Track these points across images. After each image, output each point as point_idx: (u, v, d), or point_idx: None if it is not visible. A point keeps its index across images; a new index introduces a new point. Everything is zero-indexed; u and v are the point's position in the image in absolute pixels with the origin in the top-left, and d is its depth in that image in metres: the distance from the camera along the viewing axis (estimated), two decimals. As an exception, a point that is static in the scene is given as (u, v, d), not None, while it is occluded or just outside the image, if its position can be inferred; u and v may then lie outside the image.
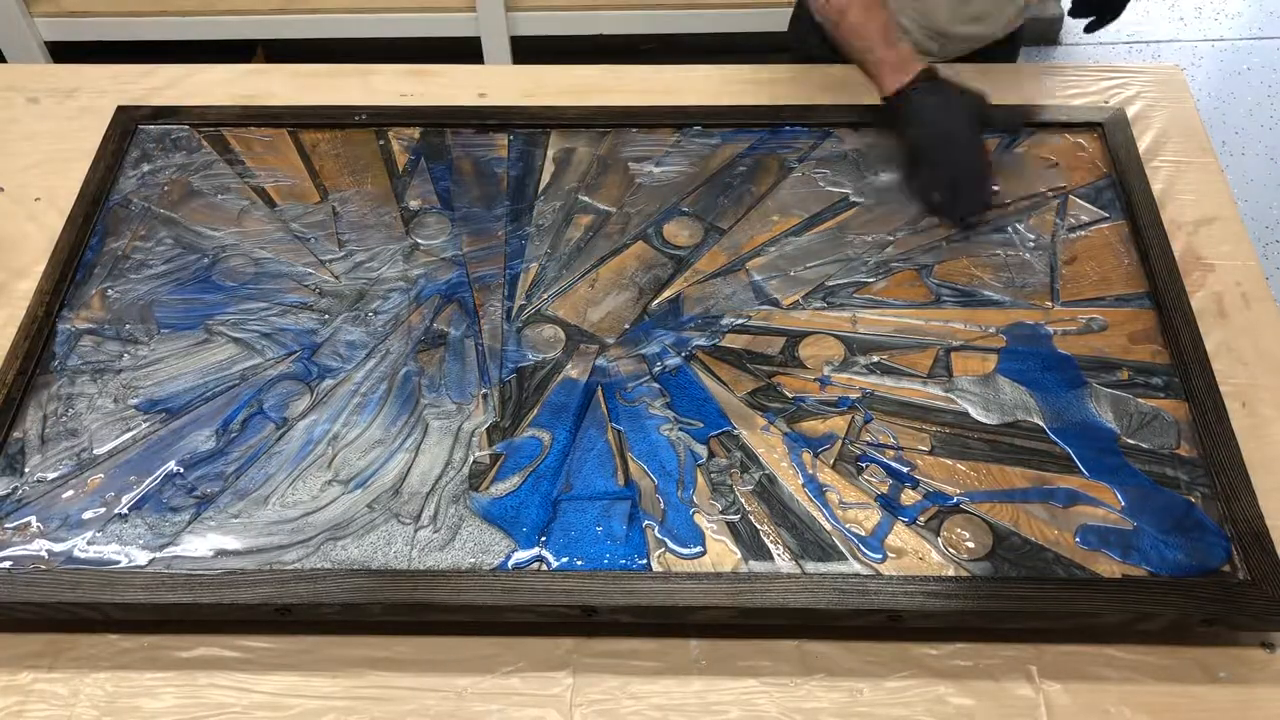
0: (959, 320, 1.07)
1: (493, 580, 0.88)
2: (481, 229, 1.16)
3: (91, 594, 0.88)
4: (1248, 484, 0.93)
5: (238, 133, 1.25)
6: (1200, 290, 1.12)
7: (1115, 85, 1.34)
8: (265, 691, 0.88)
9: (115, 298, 1.09)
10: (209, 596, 0.87)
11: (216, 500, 0.94)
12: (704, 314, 1.08)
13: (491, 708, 0.87)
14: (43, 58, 2.17)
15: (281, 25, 2.16)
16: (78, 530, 0.92)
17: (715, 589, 0.87)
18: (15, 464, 0.97)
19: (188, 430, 0.99)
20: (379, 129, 1.25)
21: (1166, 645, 0.90)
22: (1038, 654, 0.89)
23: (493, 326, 1.07)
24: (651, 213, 1.17)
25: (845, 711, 0.87)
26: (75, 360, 1.04)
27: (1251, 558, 0.89)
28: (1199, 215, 1.20)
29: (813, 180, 1.20)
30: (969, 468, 0.96)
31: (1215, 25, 2.75)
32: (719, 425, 0.99)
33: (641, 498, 0.94)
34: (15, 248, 1.18)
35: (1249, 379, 1.05)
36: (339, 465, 0.96)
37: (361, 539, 0.91)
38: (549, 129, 1.25)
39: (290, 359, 1.04)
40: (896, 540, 0.91)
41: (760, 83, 1.35)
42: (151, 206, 1.18)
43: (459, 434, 0.98)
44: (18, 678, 0.89)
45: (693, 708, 0.87)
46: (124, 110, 1.27)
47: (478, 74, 1.39)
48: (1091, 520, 0.92)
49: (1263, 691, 0.87)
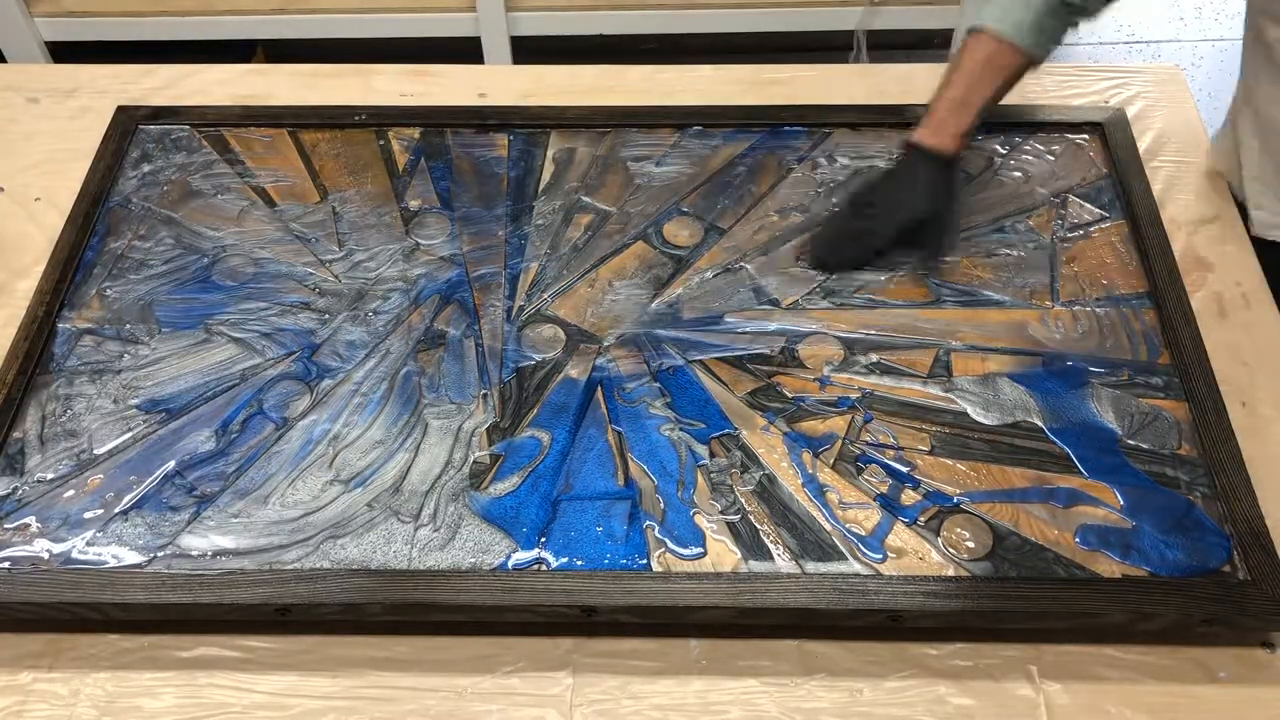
0: (959, 320, 1.07)
1: (493, 580, 0.88)
2: (481, 229, 1.16)
3: (91, 594, 0.88)
4: (1248, 484, 0.93)
5: (238, 133, 1.25)
6: (1200, 290, 1.12)
7: (1115, 85, 1.34)
8: (265, 691, 0.88)
9: (115, 298, 1.09)
10: (209, 596, 0.87)
11: (216, 500, 0.94)
12: (704, 314, 1.08)
13: (491, 708, 0.87)
14: (43, 58, 2.17)
15: (281, 25, 2.16)
16: (78, 530, 0.92)
17: (715, 589, 0.87)
18: (15, 464, 0.97)
19: (187, 430, 0.99)
20: (379, 129, 1.25)
21: (1166, 645, 0.90)
22: (1038, 654, 0.89)
23: (493, 326, 1.07)
24: (651, 213, 1.17)
25: (845, 711, 0.87)
26: (75, 360, 1.04)
27: (1251, 558, 0.89)
28: (1199, 215, 1.20)
29: (813, 180, 1.20)
30: (969, 468, 0.96)
31: (1215, 25, 2.75)
32: (719, 425, 0.99)
33: (641, 498, 0.94)
34: (15, 248, 1.18)
35: (1249, 379, 1.05)
36: (339, 465, 0.96)
37: (361, 537, 0.91)
38: (549, 129, 1.25)
39: (290, 359, 1.04)
40: (896, 540, 0.91)
41: (760, 83, 1.35)
42: (151, 206, 1.18)
43: (459, 434, 0.98)
44: (18, 678, 0.89)
45: (693, 708, 0.87)
46: (124, 110, 1.27)
47: (478, 74, 1.39)
48: (1091, 520, 0.92)
49: (1263, 691, 0.87)
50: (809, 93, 1.33)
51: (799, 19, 2.15)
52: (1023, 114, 1.25)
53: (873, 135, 1.24)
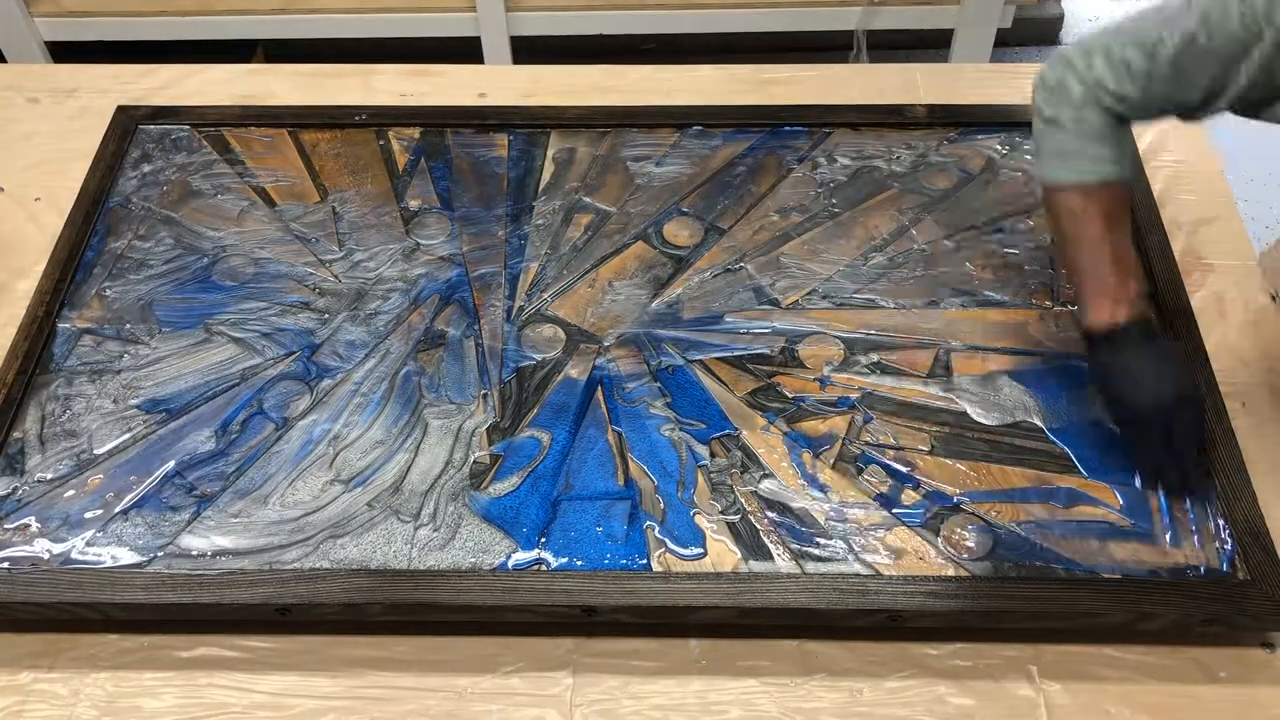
0: (959, 320, 1.07)
1: (493, 580, 0.88)
2: (481, 229, 1.16)
3: (91, 594, 0.88)
4: (1248, 484, 0.93)
5: (238, 133, 1.25)
6: (1200, 290, 1.12)
7: (1115, 85, 1.34)
8: (265, 691, 0.88)
9: (115, 298, 1.09)
10: (209, 596, 0.87)
11: (216, 500, 0.94)
12: (704, 314, 1.08)
13: (491, 708, 0.87)
14: (43, 58, 2.17)
15: (281, 25, 2.16)
16: (78, 530, 0.92)
17: (715, 589, 0.87)
18: (15, 464, 0.97)
19: (187, 430, 0.99)
20: (379, 129, 1.25)
21: (1166, 645, 0.90)
22: (1038, 654, 0.89)
23: (493, 326, 1.07)
24: (651, 213, 1.17)
25: (845, 711, 0.86)
26: (75, 360, 1.04)
27: (1251, 558, 0.89)
28: (1199, 215, 1.19)
29: (813, 180, 1.20)
30: (969, 468, 0.96)
31: (1215, 25, 2.74)
32: (719, 425, 0.99)
33: (641, 498, 0.94)
34: (15, 248, 1.18)
35: (1249, 379, 1.05)
36: (340, 465, 0.96)
37: (361, 537, 0.91)
38: (549, 129, 1.25)
39: (290, 359, 1.04)
40: (896, 540, 0.91)
41: (760, 83, 1.35)
42: (151, 206, 1.18)
43: (459, 434, 0.98)
44: (18, 678, 0.89)
45: (693, 708, 0.87)
46: (124, 110, 1.27)
47: (478, 74, 1.39)
48: (1092, 520, 0.92)
49: (1263, 691, 0.87)
50: (809, 93, 1.33)
51: (799, 19, 2.14)
52: (1022, 114, 1.25)
53: (873, 135, 1.24)
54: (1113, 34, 0.90)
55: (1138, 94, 0.89)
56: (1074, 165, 0.93)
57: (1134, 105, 0.90)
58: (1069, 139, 0.92)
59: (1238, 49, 0.83)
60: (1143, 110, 0.91)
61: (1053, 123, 0.92)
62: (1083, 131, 0.91)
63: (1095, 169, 0.93)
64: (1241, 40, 0.82)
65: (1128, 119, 0.92)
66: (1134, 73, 0.88)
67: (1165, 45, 0.86)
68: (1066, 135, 0.92)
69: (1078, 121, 0.91)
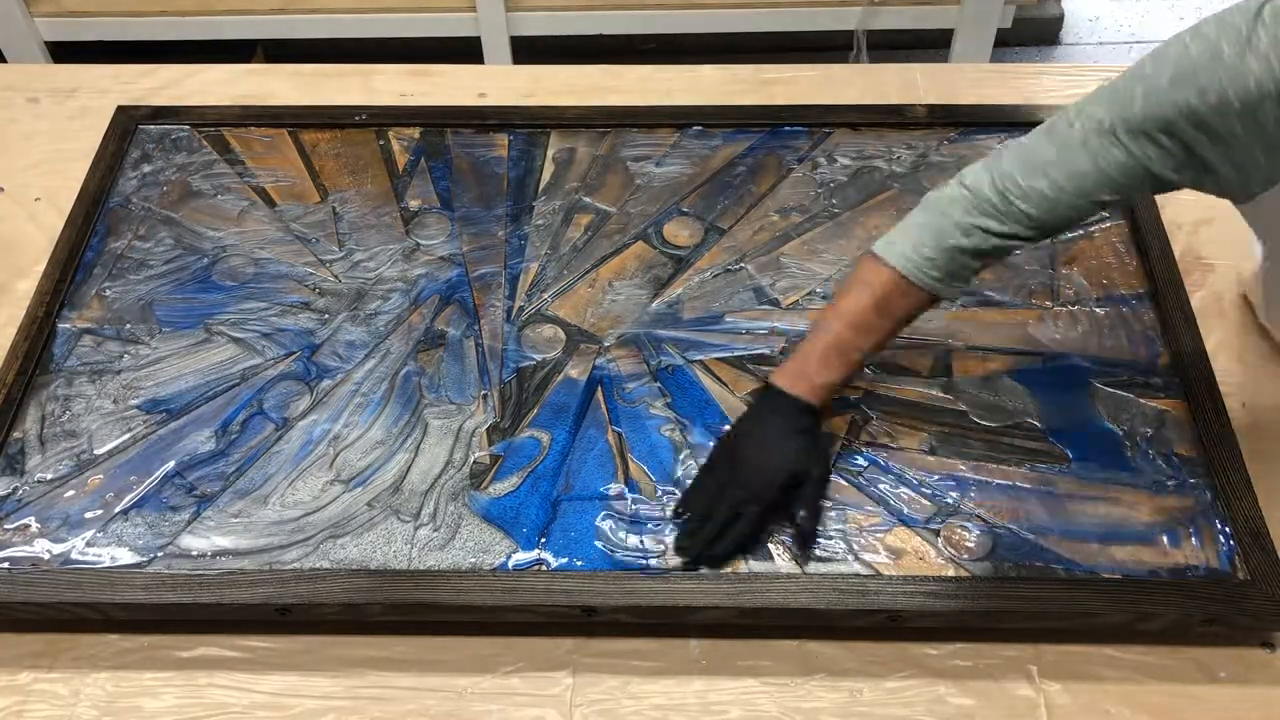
0: (959, 320, 1.07)
1: (493, 580, 0.88)
2: (481, 229, 1.16)
3: (91, 594, 0.88)
4: (1248, 484, 0.93)
5: (238, 133, 1.25)
6: (1200, 290, 1.12)
7: (1115, 85, 1.34)
8: (265, 691, 0.88)
9: (115, 298, 1.09)
10: (209, 596, 0.87)
11: (216, 500, 0.94)
12: (704, 314, 1.08)
13: (491, 708, 0.87)
14: (43, 58, 2.17)
15: (281, 25, 2.16)
16: (78, 530, 0.92)
17: (715, 589, 0.87)
18: (15, 464, 0.97)
19: (188, 430, 0.99)
20: (379, 129, 1.25)
21: (1166, 645, 0.90)
22: (1038, 654, 0.89)
23: (493, 326, 1.07)
24: (651, 213, 1.17)
25: (845, 711, 0.87)
26: (75, 360, 1.04)
27: (1251, 558, 0.89)
28: (1199, 215, 1.19)
29: (813, 181, 1.20)
30: (969, 468, 0.96)
31: (1215, 25, 2.74)
32: (719, 426, 0.99)
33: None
34: (15, 248, 1.18)
35: (1249, 379, 1.05)
36: (340, 465, 0.96)
37: (361, 537, 0.91)
38: (549, 129, 1.25)
39: (290, 359, 1.04)
40: (896, 540, 0.91)
41: (760, 83, 1.35)
42: (151, 207, 1.18)
43: (459, 434, 0.98)
44: (18, 678, 0.89)
45: (693, 708, 0.87)
46: (124, 110, 1.27)
47: (478, 74, 1.39)
48: (1091, 520, 0.92)
49: (1263, 691, 0.87)
50: (809, 93, 1.33)
51: (799, 19, 2.14)
52: (1022, 114, 1.25)
53: (873, 135, 1.24)
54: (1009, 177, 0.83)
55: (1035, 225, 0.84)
56: (904, 248, 0.87)
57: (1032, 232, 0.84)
58: (927, 233, 0.86)
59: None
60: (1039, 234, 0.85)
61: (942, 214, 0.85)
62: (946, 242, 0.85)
63: (919, 268, 0.86)
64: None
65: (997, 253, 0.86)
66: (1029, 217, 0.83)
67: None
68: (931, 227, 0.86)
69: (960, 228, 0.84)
